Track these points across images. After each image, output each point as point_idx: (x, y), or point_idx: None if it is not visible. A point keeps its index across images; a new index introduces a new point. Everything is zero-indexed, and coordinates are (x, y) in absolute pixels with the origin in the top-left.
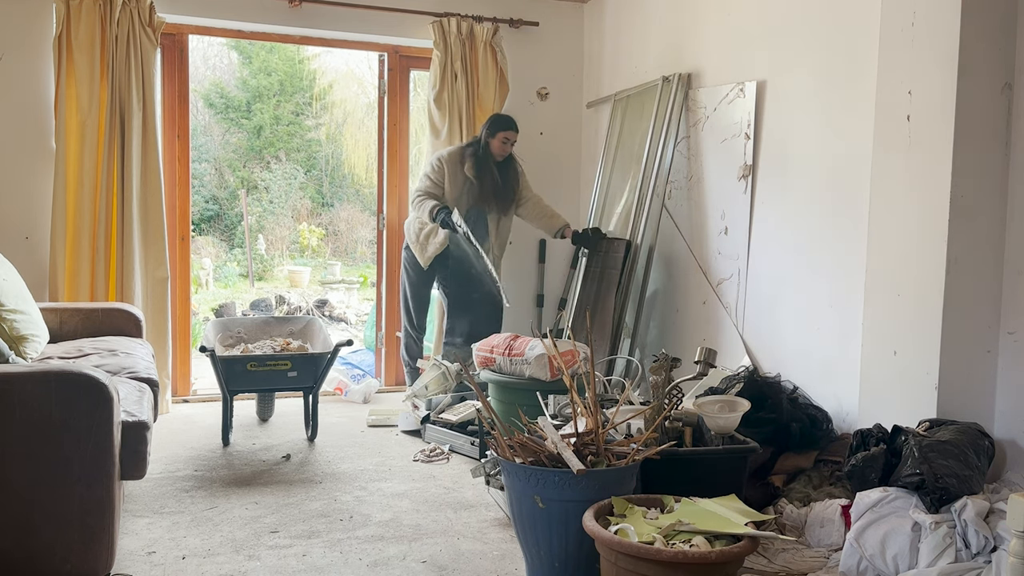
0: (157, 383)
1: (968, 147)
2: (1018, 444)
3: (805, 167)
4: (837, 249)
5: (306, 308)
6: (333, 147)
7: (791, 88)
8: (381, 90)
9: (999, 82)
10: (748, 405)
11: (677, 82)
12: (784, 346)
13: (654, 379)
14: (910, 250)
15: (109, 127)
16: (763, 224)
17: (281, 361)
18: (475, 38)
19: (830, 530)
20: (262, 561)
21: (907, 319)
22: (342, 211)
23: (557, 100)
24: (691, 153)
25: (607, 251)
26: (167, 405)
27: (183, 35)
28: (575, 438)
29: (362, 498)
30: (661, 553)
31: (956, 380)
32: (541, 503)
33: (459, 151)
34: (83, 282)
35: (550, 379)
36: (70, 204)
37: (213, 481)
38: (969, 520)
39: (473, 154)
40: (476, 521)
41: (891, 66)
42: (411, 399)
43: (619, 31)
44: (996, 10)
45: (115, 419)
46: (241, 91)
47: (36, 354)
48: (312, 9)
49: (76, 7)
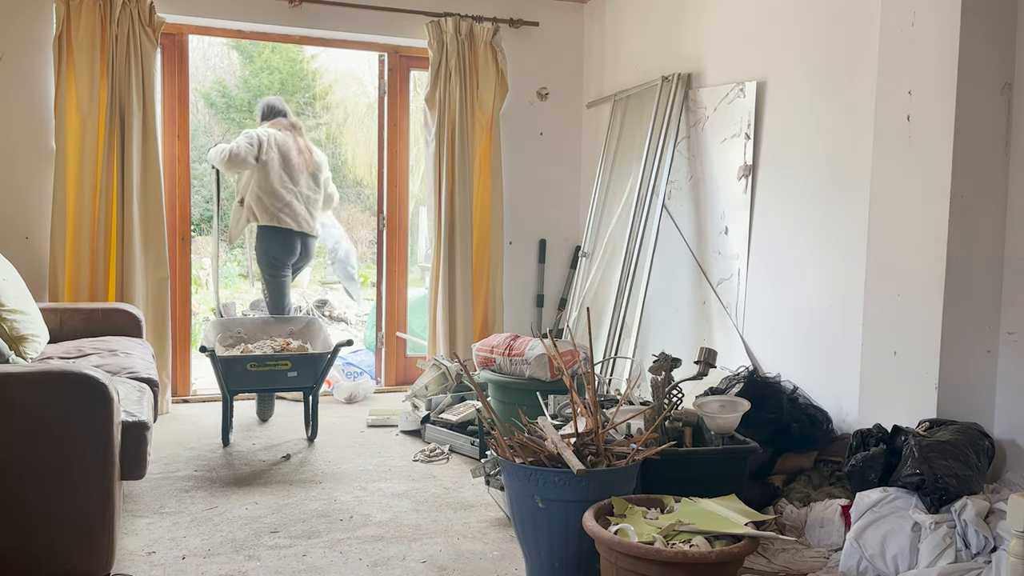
0: (157, 383)
1: (968, 147)
2: (1018, 444)
3: (805, 167)
4: (837, 249)
5: (306, 308)
6: (333, 147)
7: (791, 88)
8: (381, 90)
9: (999, 82)
10: (748, 405)
11: (677, 82)
12: (784, 346)
13: (654, 379)
14: (910, 250)
15: (109, 127)
16: (763, 224)
17: (281, 361)
18: (475, 38)
19: (830, 530)
20: (262, 561)
21: (907, 319)
22: (342, 211)
23: (557, 100)
24: (691, 153)
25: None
26: (167, 405)
27: (183, 35)
28: (575, 438)
29: (362, 498)
30: (661, 553)
31: (956, 380)
32: (541, 503)
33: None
34: (83, 282)
35: (550, 379)
36: (70, 204)
37: (213, 481)
38: (969, 520)
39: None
40: (476, 521)
41: (891, 66)
42: (411, 399)
43: (619, 31)
44: (996, 10)
45: (115, 419)
46: (242, 91)
47: (36, 354)
48: (312, 9)
49: (76, 7)
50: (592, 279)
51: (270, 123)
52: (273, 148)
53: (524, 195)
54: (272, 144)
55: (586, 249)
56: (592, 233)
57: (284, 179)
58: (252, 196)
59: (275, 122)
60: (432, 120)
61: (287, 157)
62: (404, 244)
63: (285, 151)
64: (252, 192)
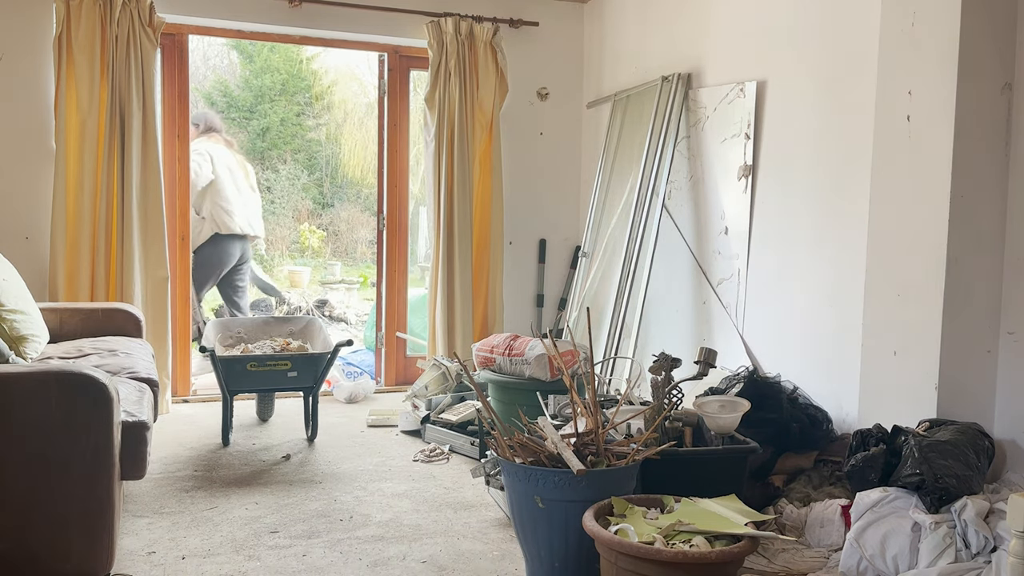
0: (157, 383)
1: (968, 147)
2: (1018, 444)
3: (805, 167)
4: (837, 249)
5: (306, 308)
6: (333, 147)
7: (791, 88)
8: (381, 90)
9: (999, 82)
10: (748, 405)
11: (677, 82)
12: (784, 346)
13: (654, 379)
14: (910, 250)
15: (109, 127)
16: (763, 224)
17: (281, 361)
18: (475, 38)
19: (830, 530)
20: (262, 561)
21: (907, 319)
22: (342, 211)
23: (557, 100)
24: (691, 153)
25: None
26: (167, 405)
27: (183, 35)
28: (575, 438)
29: (362, 498)
30: (661, 553)
31: (956, 380)
32: (541, 503)
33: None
34: (83, 282)
35: (550, 379)
36: (70, 204)
37: (213, 481)
38: (969, 520)
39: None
40: (476, 521)
41: (891, 66)
42: (411, 399)
43: (619, 31)
44: (996, 10)
45: (115, 419)
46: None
47: (36, 354)
48: (312, 9)
49: (76, 7)
50: (592, 279)
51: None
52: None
53: (524, 195)
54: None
55: (586, 249)
56: (592, 233)
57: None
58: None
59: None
60: (432, 120)
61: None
62: (404, 244)
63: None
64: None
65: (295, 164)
